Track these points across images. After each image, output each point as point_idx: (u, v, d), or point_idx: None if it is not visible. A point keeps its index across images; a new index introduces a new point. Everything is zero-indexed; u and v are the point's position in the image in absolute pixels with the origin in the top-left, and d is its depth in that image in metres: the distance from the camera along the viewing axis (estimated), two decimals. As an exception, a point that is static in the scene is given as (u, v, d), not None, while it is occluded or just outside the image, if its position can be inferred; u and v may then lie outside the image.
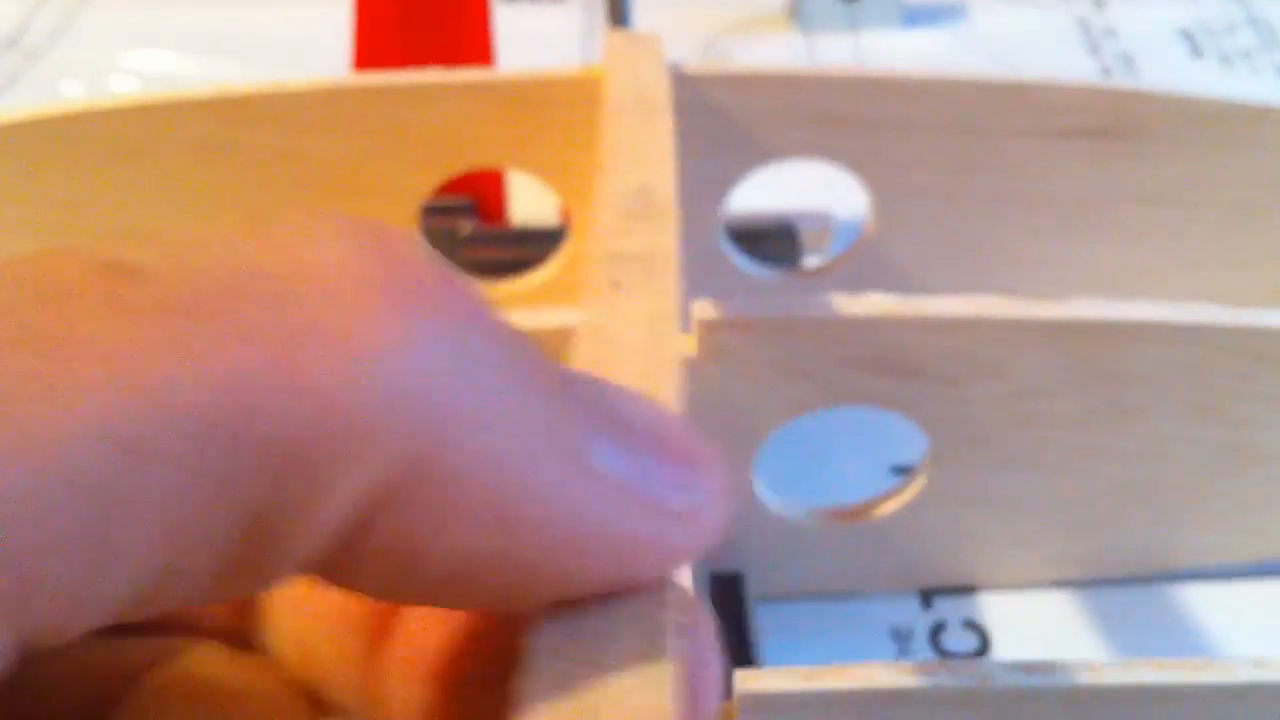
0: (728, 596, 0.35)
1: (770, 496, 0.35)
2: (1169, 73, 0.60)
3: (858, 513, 0.36)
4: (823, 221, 0.47)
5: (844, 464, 0.40)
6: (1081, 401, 0.32)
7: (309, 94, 0.37)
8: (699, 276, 0.36)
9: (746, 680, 0.24)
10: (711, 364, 0.31)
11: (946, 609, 0.37)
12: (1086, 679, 0.24)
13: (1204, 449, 0.33)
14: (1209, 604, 0.37)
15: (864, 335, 0.31)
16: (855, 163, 0.40)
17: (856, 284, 0.33)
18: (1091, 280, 0.41)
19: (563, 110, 0.37)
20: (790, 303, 0.32)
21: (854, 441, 0.41)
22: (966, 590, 0.38)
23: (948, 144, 0.39)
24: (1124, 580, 0.37)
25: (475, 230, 0.45)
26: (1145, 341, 0.31)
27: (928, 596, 0.38)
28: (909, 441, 0.37)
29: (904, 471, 0.38)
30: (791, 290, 0.41)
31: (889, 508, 0.35)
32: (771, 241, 0.45)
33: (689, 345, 0.31)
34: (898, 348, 0.32)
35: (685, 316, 0.31)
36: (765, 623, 0.36)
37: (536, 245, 0.42)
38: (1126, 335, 0.31)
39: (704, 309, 0.31)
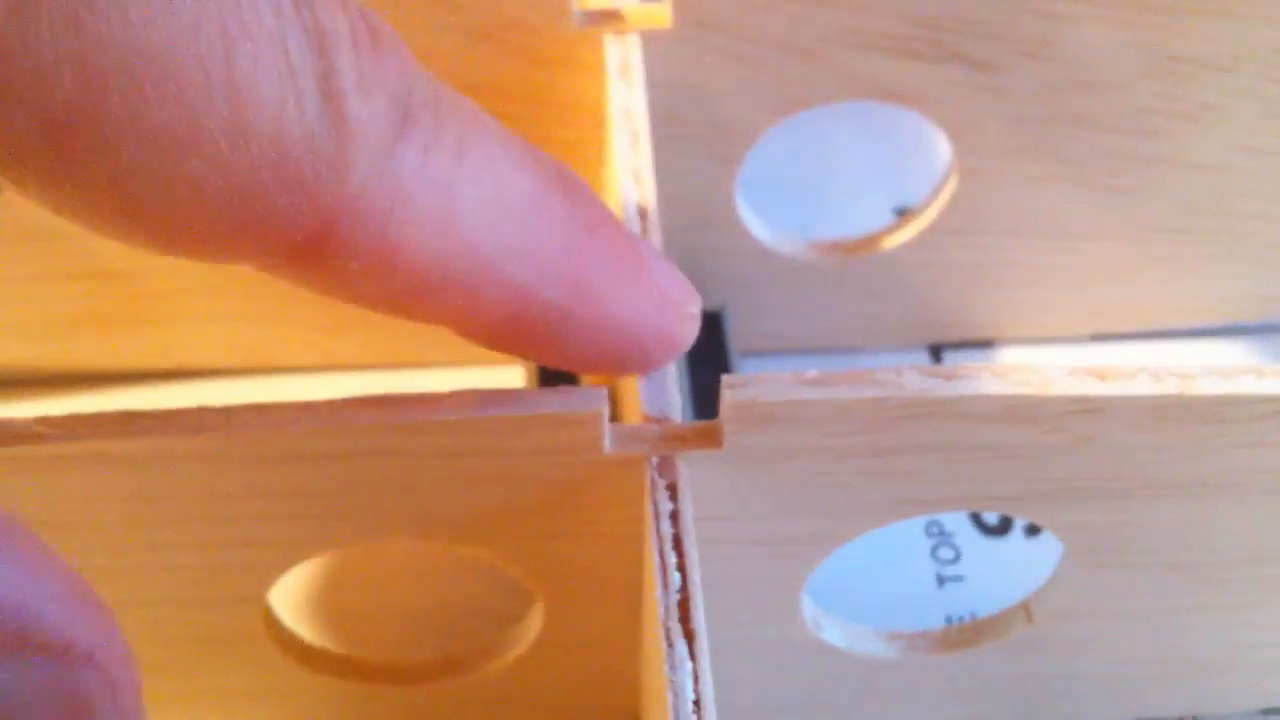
0: (706, 339, 0.29)
1: (757, 224, 0.29)
2: None
3: (861, 246, 0.30)
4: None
5: (843, 203, 0.34)
6: (1146, 95, 0.26)
7: None
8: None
9: (734, 386, 0.19)
10: (689, 34, 0.25)
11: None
12: (1173, 388, 0.19)
13: (1287, 160, 0.27)
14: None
15: (882, 2, 0.25)
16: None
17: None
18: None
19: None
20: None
21: (854, 176, 0.35)
22: (983, 344, 0.32)
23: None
24: (1161, 334, 0.32)
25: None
26: (1228, 16, 0.25)
27: (937, 352, 0.32)
28: (917, 178, 0.31)
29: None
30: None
31: (899, 239, 0.29)
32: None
33: (661, 15, 0.25)
34: (923, 20, 0.25)
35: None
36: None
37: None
38: (1205, 7, 0.25)
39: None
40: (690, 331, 0.19)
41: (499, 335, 0.18)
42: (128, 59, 0.13)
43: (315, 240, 0.15)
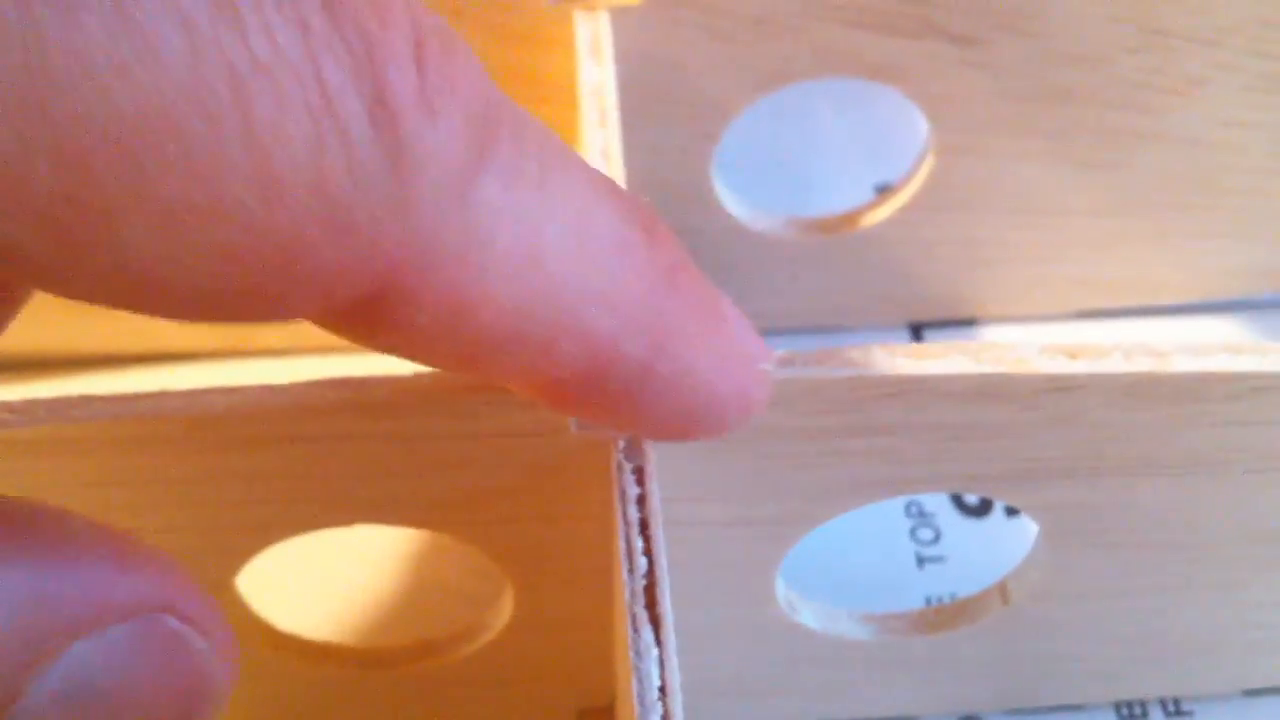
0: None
1: (734, 202, 0.29)
2: None
3: (841, 224, 0.29)
4: None
5: (823, 180, 0.34)
6: (1130, 69, 0.26)
7: None
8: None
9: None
10: (660, 9, 0.25)
11: (942, 344, 0.31)
12: (1146, 365, 0.19)
13: (1272, 134, 0.27)
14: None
15: (860, -23, 0.25)
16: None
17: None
18: None
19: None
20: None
21: (834, 153, 0.34)
22: (966, 322, 0.32)
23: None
24: (1147, 311, 0.32)
25: None
26: (1212, -12, 0.25)
27: (918, 331, 0.32)
28: (898, 153, 0.31)
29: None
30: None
31: (879, 216, 0.29)
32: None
33: (635, -12, 0.25)
34: (902, -7, 0.25)
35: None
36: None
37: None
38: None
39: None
40: (765, 393, 0.17)
41: (570, 395, 0.16)
42: (113, 132, 0.11)
43: (378, 294, 0.13)
